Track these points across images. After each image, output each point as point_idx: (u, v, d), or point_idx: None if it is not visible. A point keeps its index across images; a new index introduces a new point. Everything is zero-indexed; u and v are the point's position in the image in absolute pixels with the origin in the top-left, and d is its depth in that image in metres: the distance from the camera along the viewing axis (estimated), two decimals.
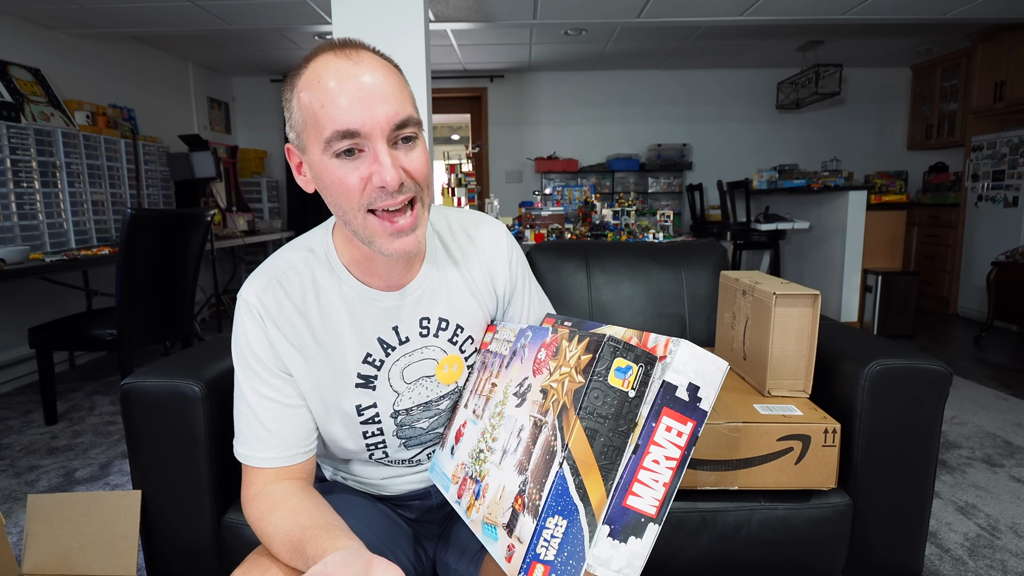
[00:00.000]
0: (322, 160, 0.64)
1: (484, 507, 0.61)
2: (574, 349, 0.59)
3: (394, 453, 0.82)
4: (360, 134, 0.62)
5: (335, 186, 0.64)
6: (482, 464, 0.66)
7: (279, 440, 0.72)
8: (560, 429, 0.55)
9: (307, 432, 0.75)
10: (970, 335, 3.74)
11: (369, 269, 0.74)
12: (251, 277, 0.74)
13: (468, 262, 0.82)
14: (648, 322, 1.49)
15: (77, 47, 3.52)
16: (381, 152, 0.63)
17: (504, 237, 0.85)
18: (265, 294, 0.72)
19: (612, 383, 0.54)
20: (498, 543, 0.57)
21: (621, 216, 3.02)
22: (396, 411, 0.78)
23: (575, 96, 5.28)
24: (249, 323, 0.72)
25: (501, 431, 0.65)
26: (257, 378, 0.72)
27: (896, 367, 1.02)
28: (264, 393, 0.72)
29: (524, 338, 0.71)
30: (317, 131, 0.63)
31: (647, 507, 0.54)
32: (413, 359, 0.78)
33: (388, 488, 0.86)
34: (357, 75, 0.62)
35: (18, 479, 1.95)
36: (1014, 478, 1.87)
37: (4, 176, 2.73)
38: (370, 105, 0.62)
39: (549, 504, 0.52)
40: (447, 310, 0.79)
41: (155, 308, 2.40)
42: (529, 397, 0.63)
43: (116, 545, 1.03)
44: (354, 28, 2.20)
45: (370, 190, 0.64)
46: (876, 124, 5.28)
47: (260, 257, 5.10)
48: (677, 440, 0.55)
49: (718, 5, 3.27)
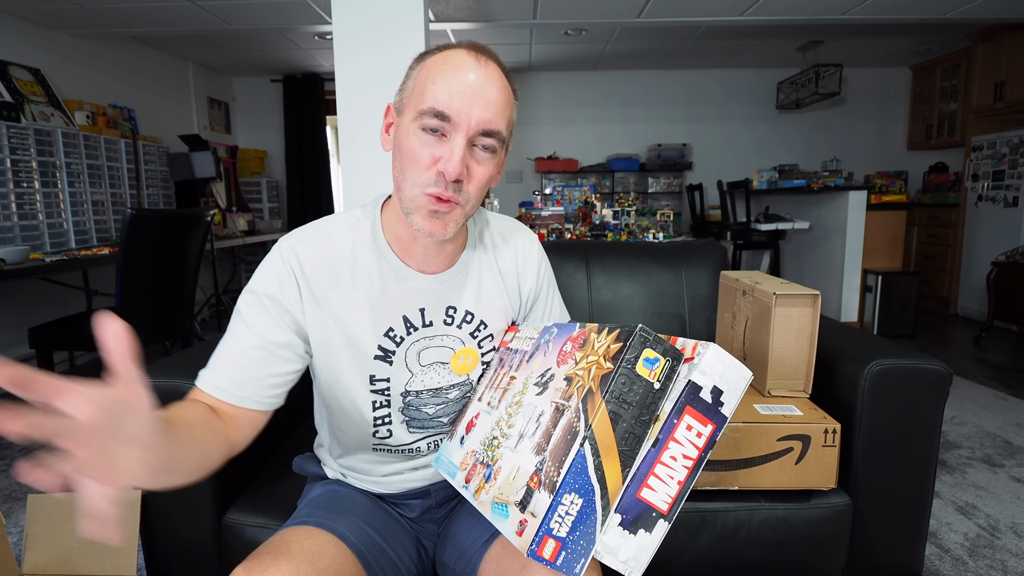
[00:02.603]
0: (410, 127, 0.70)
1: (495, 488, 0.62)
2: (604, 339, 0.60)
3: (397, 432, 0.82)
4: (450, 120, 0.67)
5: (409, 153, 0.69)
6: (495, 450, 0.67)
7: (242, 375, 0.70)
8: (584, 411, 0.56)
9: (269, 385, 0.72)
10: (970, 335, 3.74)
11: (409, 248, 0.78)
12: (296, 231, 0.77)
13: (502, 263, 0.87)
14: (648, 322, 1.49)
15: (77, 47, 3.52)
16: (457, 144, 0.68)
17: (536, 246, 0.91)
18: (304, 248, 0.75)
19: (639, 372, 0.56)
20: (509, 520, 0.58)
21: (621, 216, 3.02)
22: (407, 391, 0.80)
23: (575, 96, 5.28)
24: (279, 267, 0.74)
25: (518, 418, 0.66)
26: (260, 313, 0.72)
27: (896, 367, 1.02)
28: (256, 328, 0.71)
29: (548, 334, 0.73)
30: (418, 101, 0.69)
31: (660, 502, 0.55)
32: (432, 343, 0.80)
33: (389, 486, 0.86)
34: (476, 75, 0.69)
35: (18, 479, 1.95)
36: (1014, 478, 1.87)
37: (4, 176, 2.73)
38: (471, 102, 0.67)
39: (567, 480, 0.53)
40: (475, 304, 0.82)
41: (155, 308, 2.39)
42: (552, 385, 0.64)
43: (116, 545, 1.03)
44: (354, 28, 2.20)
45: (433, 172, 0.69)
46: (876, 124, 5.28)
47: (260, 257, 5.10)
48: (696, 440, 0.56)
49: (718, 5, 3.27)
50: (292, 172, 5.21)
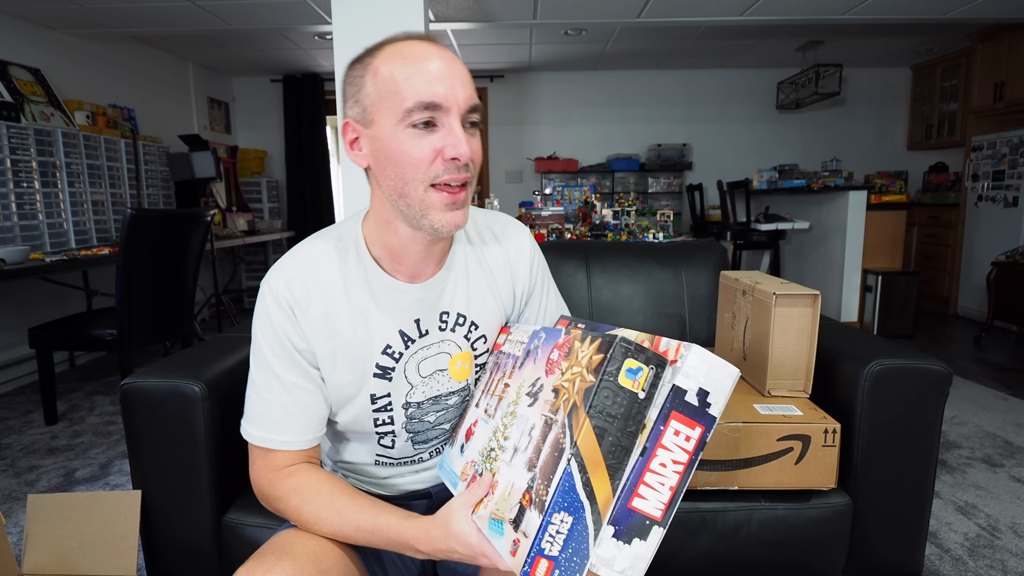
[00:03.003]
0: (394, 131, 0.66)
1: (492, 504, 0.61)
2: (586, 349, 0.59)
3: (401, 446, 0.82)
4: (441, 107, 0.65)
5: (404, 156, 0.66)
6: (492, 462, 0.66)
7: (298, 424, 0.74)
8: (569, 427, 0.55)
9: (323, 416, 0.77)
10: (970, 335, 3.74)
11: (398, 259, 0.75)
12: (280, 265, 0.75)
13: (492, 261, 0.84)
14: (648, 322, 1.49)
15: (77, 47, 3.52)
16: (456, 126, 0.66)
17: (528, 240, 0.88)
18: (295, 284, 0.73)
19: (623, 383, 0.54)
20: (504, 538, 0.57)
21: (621, 216, 3.02)
22: (408, 403, 0.79)
23: (575, 96, 5.28)
24: (277, 312, 0.73)
25: (513, 430, 0.65)
26: (281, 364, 0.73)
27: (896, 367, 1.02)
28: (287, 379, 0.73)
29: (537, 339, 0.72)
30: (396, 102, 0.65)
31: (652, 510, 0.54)
32: (430, 352, 0.79)
33: (390, 488, 0.86)
34: (441, 56, 0.67)
35: (18, 479, 1.95)
36: (1014, 478, 1.87)
37: (4, 176, 2.73)
38: (452, 83, 0.66)
39: (556, 500, 0.52)
40: (465, 306, 0.81)
41: (155, 308, 2.40)
42: (541, 396, 0.63)
43: (116, 545, 1.03)
44: (354, 28, 2.21)
45: (439, 163, 0.67)
46: (876, 124, 5.28)
47: (260, 257, 5.11)
48: (685, 444, 0.55)
49: (718, 5, 3.27)
50: (292, 172, 5.21)
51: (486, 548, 0.60)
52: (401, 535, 0.66)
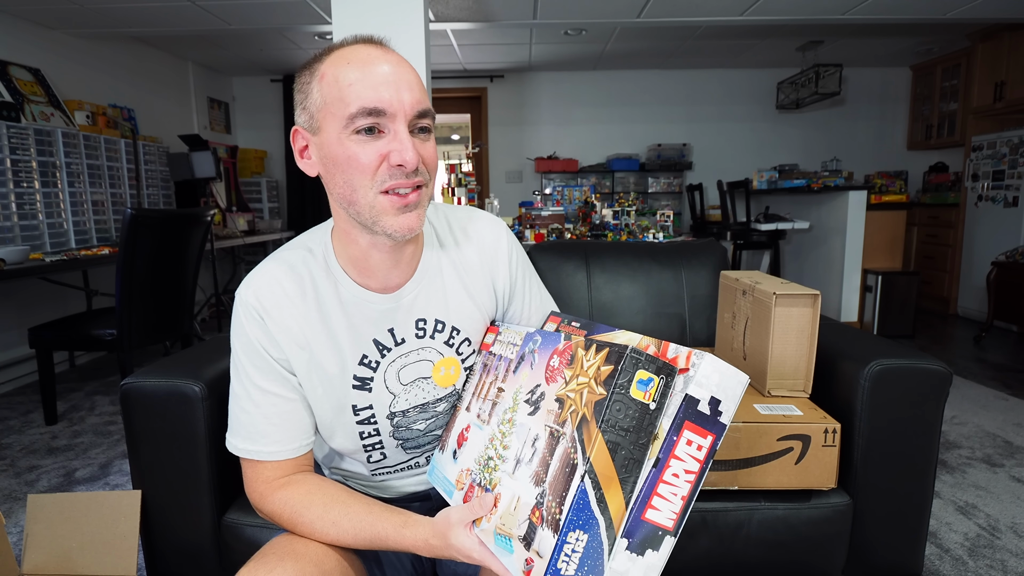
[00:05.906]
0: (339, 138, 0.65)
1: (496, 518, 0.60)
2: (592, 359, 0.58)
3: (392, 455, 0.81)
4: (386, 114, 0.64)
5: (350, 163, 0.65)
6: (492, 472, 0.65)
7: (283, 434, 0.73)
8: (580, 441, 0.54)
9: (308, 425, 0.76)
10: (970, 335, 3.74)
11: (366, 268, 0.74)
12: (250, 277, 0.74)
13: (466, 262, 0.81)
14: (648, 322, 1.49)
15: (77, 47, 3.52)
16: (402, 132, 0.65)
17: (504, 235, 0.84)
18: (265, 295, 0.72)
19: (634, 395, 0.53)
20: (514, 556, 0.56)
21: (621, 216, 3.02)
22: (392, 412, 0.78)
23: (575, 96, 5.28)
24: (249, 323, 0.72)
25: (513, 439, 0.64)
26: (260, 374, 0.73)
27: (896, 367, 1.02)
28: (267, 388, 0.73)
29: (532, 343, 0.70)
30: (340, 108, 0.64)
31: (665, 520, 0.54)
32: (409, 360, 0.78)
33: (388, 491, 0.86)
34: (387, 60, 0.65)
35: (18, 479, 1.95)
36: (1014, 478, 1.87)
37: (4, 176, 2.73)
38: (397, 88, 0.64)
39: (570, 519, 0.52)
40: (443, 312, 0.79)
41: (155, 308, 2.39)
42: (543, 406, 0.62)
43: (116, 545, 1.03)
44: (354, 28, 2.20)
45: (385, 168, 0.65)
46: (876, 124, 5.28)
47: (260, 257, 5.10)
48: (697, 454, 0.54)
49: (718, 5, 3.27)
50: (292, 172, 5.21)
51: (489, 560, 0.59)
52: (400, 544, 0.66)
